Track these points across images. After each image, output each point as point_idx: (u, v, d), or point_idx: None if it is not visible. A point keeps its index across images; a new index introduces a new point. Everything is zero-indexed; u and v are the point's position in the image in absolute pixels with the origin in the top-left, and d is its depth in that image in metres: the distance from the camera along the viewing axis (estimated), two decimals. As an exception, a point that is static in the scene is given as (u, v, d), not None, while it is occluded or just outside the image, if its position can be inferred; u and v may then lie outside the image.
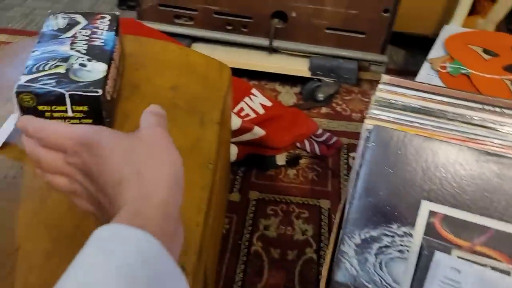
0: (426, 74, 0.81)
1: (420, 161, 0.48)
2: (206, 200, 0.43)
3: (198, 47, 1.01)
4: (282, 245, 0.73)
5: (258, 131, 0.80)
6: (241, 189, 0.82)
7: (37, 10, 1.46)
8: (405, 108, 0.53)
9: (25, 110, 0.41)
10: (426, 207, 0.47)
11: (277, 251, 0.72)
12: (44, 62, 0.44)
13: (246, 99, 0.91)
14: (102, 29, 0.50)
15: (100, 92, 0.40)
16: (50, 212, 0.39)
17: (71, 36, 0.49)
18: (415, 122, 0.51)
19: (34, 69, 0.43)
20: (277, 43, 0.96)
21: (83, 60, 0.45)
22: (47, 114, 0.41)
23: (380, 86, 0.57)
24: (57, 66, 0.43)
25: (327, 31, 0.90)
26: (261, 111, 0.89)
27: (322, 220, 0.76)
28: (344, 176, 0.85)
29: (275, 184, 0.82)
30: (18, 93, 0.40)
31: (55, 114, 0.41)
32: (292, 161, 0.86)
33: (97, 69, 0.43)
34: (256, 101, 0.91)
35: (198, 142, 0.48)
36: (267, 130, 0.82)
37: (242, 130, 0.79)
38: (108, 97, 0.43)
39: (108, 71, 0.43)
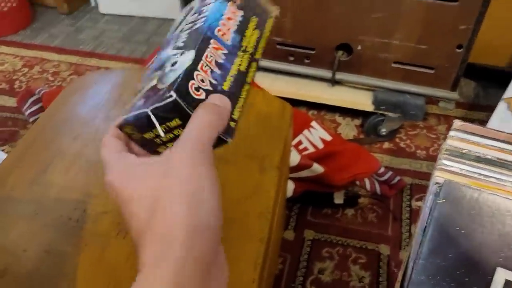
0: (502, 114, 0.77)
1: (497, 223, 0.44)
2: (263, 254, 0.42)
3: (260, 76, 1.00)
4: (336, 291, 0.70)
5: (317, 168, 0.78)
6: (296, 227, 0.80)
7: (106, 32, 1.54)
8: (480, 160, 0.50)
9: (137, 143, 0.33)
10: (501, 275, 0.43)
11: (331, 297, 0.69)
12: (146, 78, 0.34)
13: (305, 132, 0.89)
14: (209, 3, 0.37)
15: (173, 95, 0.28)
16: (109, 261, 0.39)
17: (177, 31, 0.38)
18: (491, 177, 0.48)
19: (138, 91, 0.34)
20: (340, 76, 0.94)
21: (176, 58, 0.33)
22: (157, 141, 0.31)
23: (451, 133, 0.54)
24: (151, 79, 0.33)
25: (394, 65, 0.87)
26: (320, 145, 0.87)
27: (381, 267, 0.72)
28: (405, 220, 0.80)
29: (331, 224, 0.79)
30: (120, 128, 0.32)
31: (158, 140, 0.31)
32: (351, 201, 0.83)
33: (182, 63, 0.31)
34: (316, 135, 0.89)
35: (257, 190, 0.47)
36: (326, 166, 0.80)
37: (300, 167, 0.77)
38: (200, 94, 0.29)
39: (197, 58, 0.31)
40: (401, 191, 0.86)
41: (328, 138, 0.89)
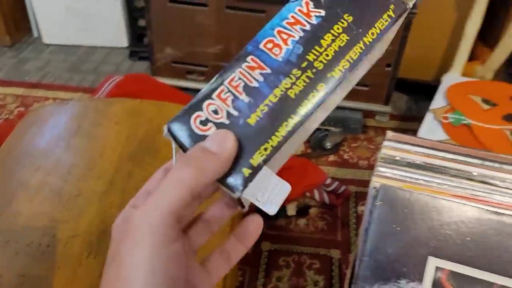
0: (429, 124, 0.85)
1: (426, 219, 0.51)
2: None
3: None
4: (295, 296, 0.75)
5: (269, 183, 0.83)
6: (253, 239, 0.84)
7: (52, 62, 1.52)
8: (410, 165, 0.56)
9: None
10: (433, 263, 0.49)
11: (290, 302, 0.74)
12: None
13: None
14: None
15: (165, 129, 0.24)
16: (82, 281, 0.42)
17: None
18: (420, 179, 0.54)
19: None
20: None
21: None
22: None
23: (385, 143, 0.60)
24: None
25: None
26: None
27: (333, 270, 0.78)
28: (353, 225, 0.87)
29: (286, 235, 0.84)
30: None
31: None
32: (302, 211, 0.89)
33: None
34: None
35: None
36: (277, 181, 0.85)
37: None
38: (207, 130, 0.24)
39: (218, 82, 0.25)
40: (347, 199, 0.92)
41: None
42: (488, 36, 1.15)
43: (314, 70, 0.25)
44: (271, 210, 0.25)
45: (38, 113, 0.67)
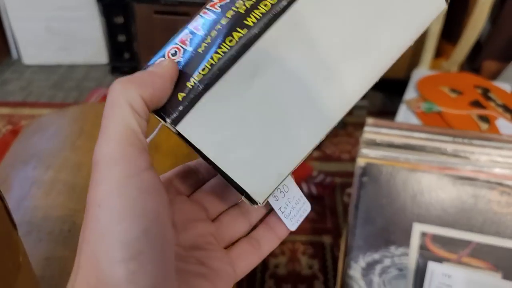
0: (404, 114, 0.91)
1: (408, 189, 0.56)
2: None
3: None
4: (292, 280, 0.79)
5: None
6: (249, 232, 0.88)
7: (35, 82, 1.54)
8: (390, 146, 0.62)
9: None
10: (417, 228, 0.55)
11: (289, 286, 0.78)
12: None
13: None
14: None
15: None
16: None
17: None
18: (400, 157, 0.60)
19: None
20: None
21: None
22: None
23: (366, 128, 0.66)
24: None
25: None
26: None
27: (326, 254, 0.83)
28: (341, 212, 0.92)
29: (279, 225, 0.89)
30: None
31: None
32: (293, 203, 0.93)
33: None
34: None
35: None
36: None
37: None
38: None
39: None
40: (333, 189, 0.98)
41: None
42: (451, 34, 1.23)
43: None
44: (293, 226, 0.27)
45: (41, 120, 0.69)
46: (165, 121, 0.21)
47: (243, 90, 0.22)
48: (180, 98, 0.21)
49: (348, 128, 1.17)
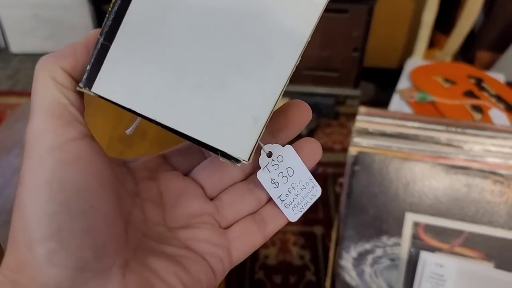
0: (397, 103, 0.91)
1: (401, 178, 0.56)
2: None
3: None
4: (283, 271, 0.78)
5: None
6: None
7: (22, 71, 1.51)
8: (382, 135, 0.61)
9: None
10: (410, 218, 0.54)
11: (279, 277, 0.77)
12: None
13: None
14: None
15: None
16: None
17: None
18: (392, 146, 0.59)
19: None
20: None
21: None
22: None
23: (358, 117, 0.65)
24: None
25: (304, 72, 0.99)
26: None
27: (317, 244, 0.82)
28: (333, 203, 0.91)
29: (270, 215, 0.88)
30: None
31: None
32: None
33: None
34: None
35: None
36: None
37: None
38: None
39: None
40: (326, 180, 0.97)
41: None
42: (445, 24, 1.22)
43: None
44: (294, 217, 0.24)
45: (25, 107, 0.68)
46: (81, 88, 0.19)
47: (157, 29, 0.19)
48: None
49: (340, 118, 1.16)
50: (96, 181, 0.19)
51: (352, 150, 0.61)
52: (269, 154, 0.24)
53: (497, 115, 0.84)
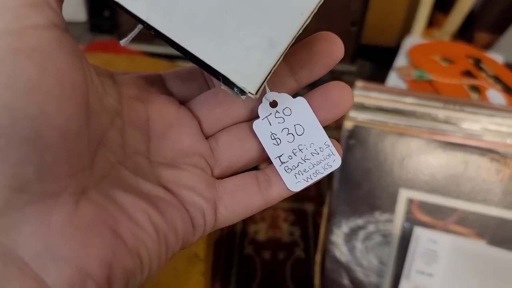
0: (394, 81, 0.89)
1: (396, 154, 0.54)
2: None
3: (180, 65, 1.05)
4: (272, 247, 0.77)
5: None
6: (229, 197, 0.86)
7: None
8: (379, 110, 0.60)
9: None
10: (404, 194, 0.53)
11: (268, 252, 0.77)
12: None
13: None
14: None
15: None
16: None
17: None
18: (389, 122, 0.58)
19: None
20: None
21: None
22: None
23: (355, 91, 0.64)
24: None
25: (300, 46, 0.97)
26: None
27: (308, 221, 0.81)
28: (325, 180, 0.90)
29: (261, 191, 0.87)
30: None
31: None
32: (276, 169, 0.91)
33: None
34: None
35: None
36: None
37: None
38: None
39: None
40: (318, 157, 0.96)
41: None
42: (444, 4, 1.20)
43: None
44: (295, 186, 0.20)
45: None
46: None
47: None
48: None
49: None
50: (57, 83, 0.15)
51: (348, 124, 0.59)
52: (273, 104, 0.20)
53: (494, 95, 0.83)
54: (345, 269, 0.53)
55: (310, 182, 0.20)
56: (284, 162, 0.20)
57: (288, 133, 0.20)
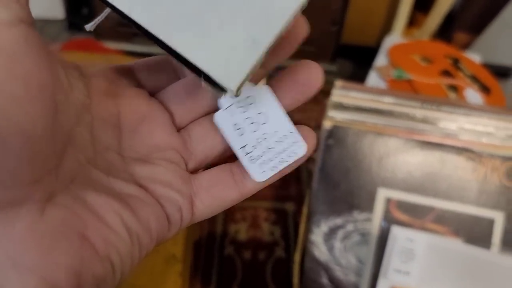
0: (373, 81, 0.90)
1: (374, 153, 0.55)
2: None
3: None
4: (252, 247, 0.77)
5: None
6: (210, 197, 0.85)
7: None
8: (358, 109, 0.60)
9: None
10: (382, 193, 0.53)
11: (249, 252, 0.76)
12: None
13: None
14: None
15: None
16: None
17: None
18: (367, 121, 0.58)
19: None
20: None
21: None
22: None
23: (334, 91, 0.64)
24: None
25: (281, 46, 0.97)
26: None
27: (288, 220, 0.81)
28: (306, 180, 0.90)
29: (242, 190, 0.87)
30: None
31: None
32: (257, 168, 0.91)
33: None
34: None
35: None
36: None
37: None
38: None
39: None
40: (299, 156, 0.96)
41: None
42: (424, 4, 1.21)
43: None
44: (261, 175, 0.20)
45: None
46: None
47: None
48: None
49: (316, 95, 1.15)
50: (22, 85, 0.14)
51: (326, 124, 0.60)
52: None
53: (472, 95, 0.84)
54: (324, 268, 0.53)
55: (276, 171, 0.20)
56: (248, 153, 0.19)
57: (252, 123, 0.19)
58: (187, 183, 0.20)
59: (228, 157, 0.22)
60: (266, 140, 0.19)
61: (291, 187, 0.87)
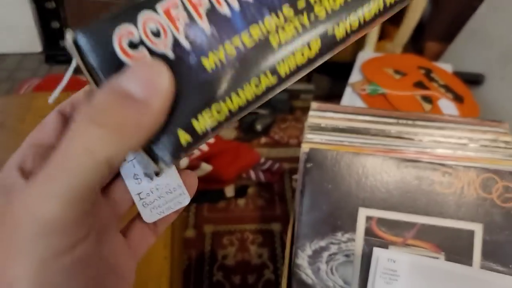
0: (349, 96, 0.91)
1: (353, 174, 0.55)
2: (170, 235, 0.47)
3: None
4: (241, 271, 0.77)
5: (205, 167, 0.85)
6: (195, 224, 0.85)
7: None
8: (335, 130, 0.61)
9: None
10: (363, 213, 0.53)
11: (238, 277, 0.76)
12: None
13: (189, 138, 0.95)
14: None
15: (68, 38, 0.16)
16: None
17: None
18: (344, 141, 0.59)
19: None
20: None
21: None
22: None
23: (311, 113, 0.65)
24: None
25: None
26: (205, 148, 0.94)
27: (275, 241, 0.81)
28: (290, 199, 0.91)
29: (227, 216, 0.87)
30: None
31: None
32: (240, 192, 0.91)
33: None
34: (199, 139, 0.95)
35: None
36: (213, 165, 0.87)
37: (190, 168, 0.83)
38: (135, 57, 0.16)
39: None
40: (282, 175, 0.96)
41: (212, 141, 0.96)
42: (394, 16, 1.24)
43: (312, 17, 0.17)
44: (150, 218, 0.23)
45: None
46: (156, 164, 0.17)
47: None
48: (183, 141, 0.17)
49: (295, 113, 1.16)
50: (95, 271, 0.16)
51: (305, 147, 0.60)
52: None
53: (446, 105, 0.86)
54: (311, 292, 0.53)
55: (163, 215, 0.23)
56: (142, 199, 0.22)
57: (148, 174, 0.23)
58: (130, 249, 0.23)
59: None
60: (158, 190, 0.22)
61: (276, 207, 0.87)
